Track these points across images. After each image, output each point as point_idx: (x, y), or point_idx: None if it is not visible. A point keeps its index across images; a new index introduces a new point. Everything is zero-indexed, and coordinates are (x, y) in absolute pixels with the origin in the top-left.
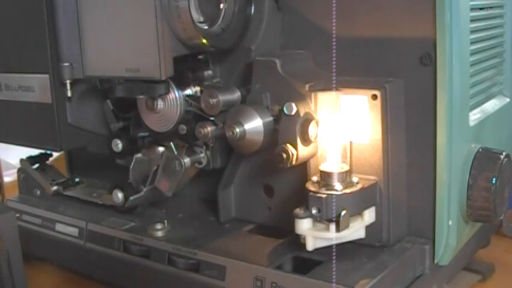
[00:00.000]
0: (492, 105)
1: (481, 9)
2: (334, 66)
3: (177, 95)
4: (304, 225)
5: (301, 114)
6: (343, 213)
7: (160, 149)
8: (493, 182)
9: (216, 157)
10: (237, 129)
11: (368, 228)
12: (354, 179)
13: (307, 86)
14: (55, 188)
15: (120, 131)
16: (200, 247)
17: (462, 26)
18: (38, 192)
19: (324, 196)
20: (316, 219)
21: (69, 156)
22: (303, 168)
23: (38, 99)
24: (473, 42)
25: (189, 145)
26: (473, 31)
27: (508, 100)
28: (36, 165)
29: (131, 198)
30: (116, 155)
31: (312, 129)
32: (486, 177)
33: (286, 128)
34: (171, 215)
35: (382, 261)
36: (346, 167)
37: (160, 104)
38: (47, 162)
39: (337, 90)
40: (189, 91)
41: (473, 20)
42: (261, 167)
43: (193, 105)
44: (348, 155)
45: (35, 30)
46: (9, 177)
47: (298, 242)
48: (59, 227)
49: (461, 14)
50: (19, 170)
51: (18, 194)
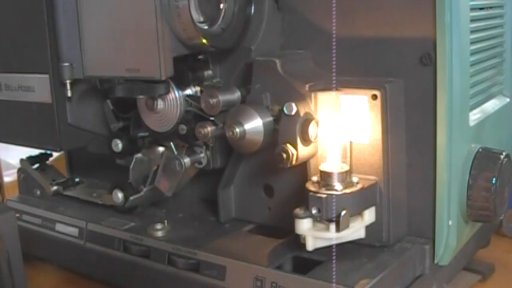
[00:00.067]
0: (492, 105)
1: (481, 9)
2: (334, 66)
3: (177, 95)
4: (304, 225)
5: (301, 114)
6: (343, 213)
7: (160, 149)
8: (493, 182)
9: (216, 157)
10: (237, 129)
11: (368, 228)
12: (354, 179)
13: (307, 86)
14: (55, 188)
15: (120, 131)
16: (200, 247)
17: (462, 26)
18: (38, 192)
19: (324, 196)
20: (316, 219)
21: (69, 156)
22: (303, 168)
23: (38, 99)
24: (473, 42)
25: (189, 145)
26: (473, 31)
27: (508, 100)
28: (36, 165)
29: (131, 198)
30: (116, 155)
31: (312, 129)
32: (486, 177)
33: (286, 128)
34: (171, 215)
35: (382, 261)
36: (346, 167)
37: (160, 104)
38: (47, 162)
39: (337, 90)
40: (189, 91)
41: (473, 20)
42: (261, 167)
43: (193, 105)
44: (348, 155)
45: (35, 30)
46: (9, 177)
47: (298, 242)
48: (59, 227)
49: (461, 14)
50: (19, 170)
51: (18, 194)
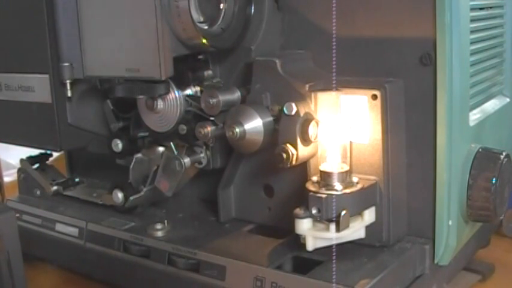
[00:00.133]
0: (492, 105)
1: (481, 9)
2: (334, 66)
3: (177, 95)
4: (304, 225)
5: (301, 114)
6: (343, 213)
7: (160, 149)
8: (493, 182)
9: (216, 157)
10: (237, 129)
11: (368, 228)
12: (354, 179)
13: (307, 86)
14: (55, 188)
15: (120, 131)
16: (200, 247)
17: (462, 26)
18: (38, 192)
19: (324, 196)
20: (316, 219)
21: (69, 156)
22: (303, 168)
23: (38, 99)
24: (473, 42)
25: (189, 145)
26: (473, 31)
27: (508, 100)
28: (36, 165)
29: (131, 198)
30: (116, 155)
31: (312, 129)
32: (486, 177)
33: (286, 128)
34: (171, 215)
35: (382, 261)
36: (346, 167)
37: (160, 104)
38: (47, 162)
39: (337, 90)
40: (189, 91)
41: (473, 20)
42: (261, 167)
43: (193, 105)
44: (348, 155)
45: (35, 30)
46: (9, 177)
47: (298, 242)
48: (59, 227)
49: (461, 14)
50: (19, 170)
51: (18, 194)
